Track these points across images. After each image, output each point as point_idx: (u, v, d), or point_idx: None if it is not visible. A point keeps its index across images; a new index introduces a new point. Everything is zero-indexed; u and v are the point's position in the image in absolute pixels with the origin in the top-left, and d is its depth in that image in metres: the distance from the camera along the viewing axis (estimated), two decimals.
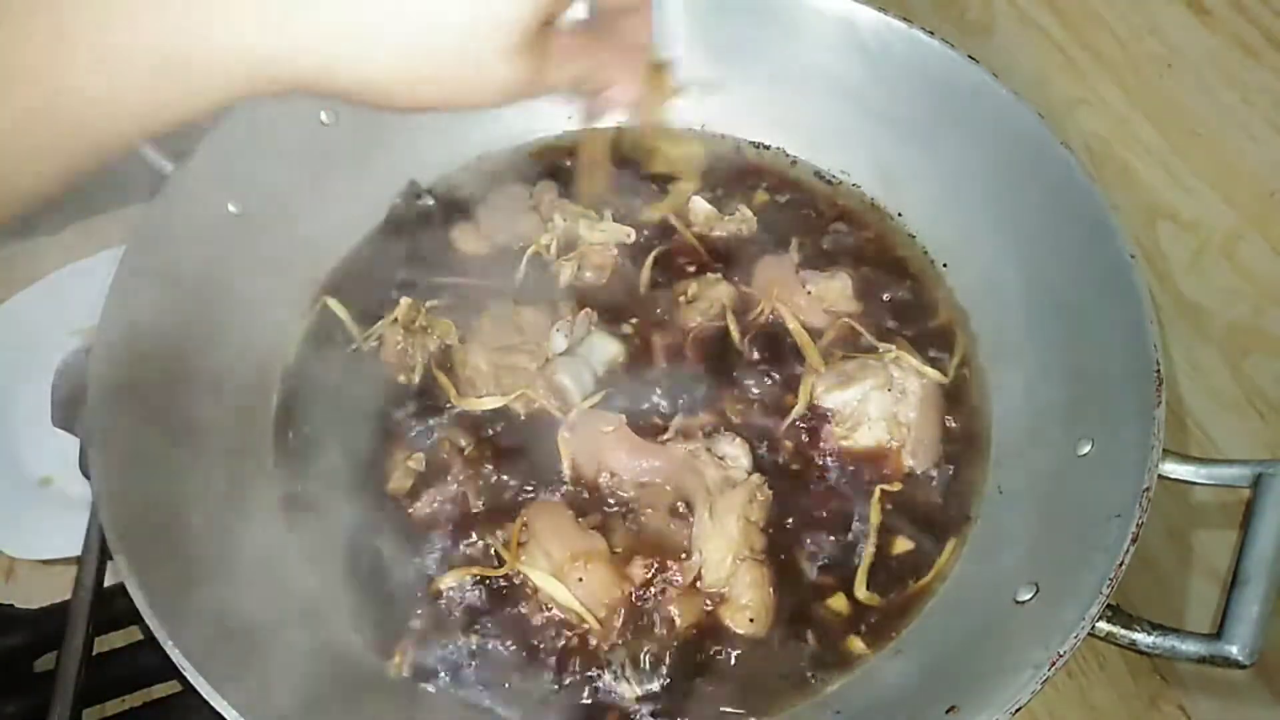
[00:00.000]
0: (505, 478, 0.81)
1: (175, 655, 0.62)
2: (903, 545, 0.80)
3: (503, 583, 0.77)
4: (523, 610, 0.76)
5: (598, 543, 0.77)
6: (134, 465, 0.73)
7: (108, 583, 0.82)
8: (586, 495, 0.80)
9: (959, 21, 0.98)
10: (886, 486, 0.81)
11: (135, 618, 0.64)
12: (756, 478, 0.80)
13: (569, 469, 0.81)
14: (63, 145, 0.44)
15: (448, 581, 0.77)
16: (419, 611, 0.76)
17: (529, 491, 0.80)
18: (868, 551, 0.79)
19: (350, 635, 0.76)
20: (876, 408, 0.83)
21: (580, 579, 0.75)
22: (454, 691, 0.73)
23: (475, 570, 0.77)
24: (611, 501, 0.80)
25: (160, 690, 0.84)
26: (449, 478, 0.81)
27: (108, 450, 0.72)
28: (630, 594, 0.76)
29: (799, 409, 0.84)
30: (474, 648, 0.75)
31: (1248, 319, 0.74)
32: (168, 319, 0.80)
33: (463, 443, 0.83)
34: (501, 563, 0.77)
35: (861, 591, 0.77)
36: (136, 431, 0.74)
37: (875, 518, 0.80)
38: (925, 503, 0.82)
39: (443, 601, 0.76)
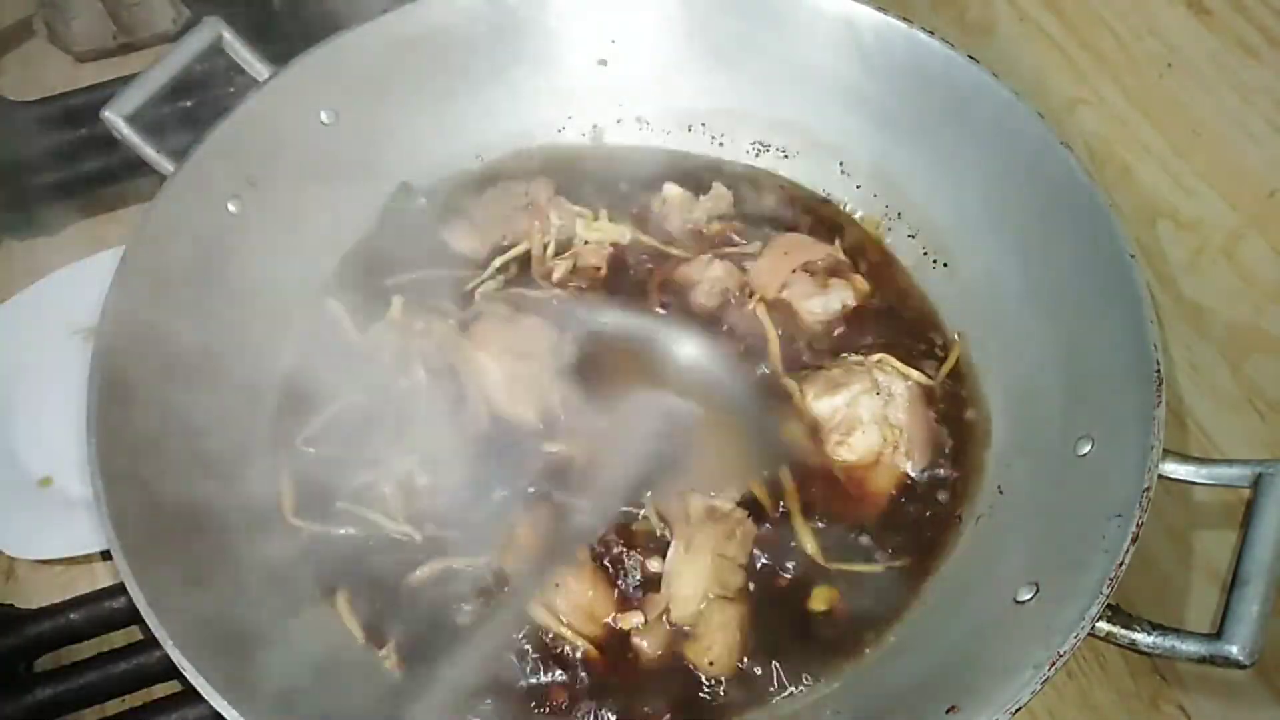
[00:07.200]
0: (502, 478, 0.81)
1: (175, 655, 0.62)
2: (903, 545, 0.80)
3: (494, 582, 0.77)
4: (515, 609, 0.76)
5: (582, 555, 0.77)
6: (133, 465, 0.73)
7: (108, 583, 0.83)
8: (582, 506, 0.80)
9: (959, 21, 0.98)
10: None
11: (135, 618, 0.64)
12: (740, 512, 0.79)
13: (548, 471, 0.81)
14: None
15: (434, 571, 0.77)
16: (416, 610, 0.76)
17: (525, 494, 0.81)
18: (793, 508, 0.80)
19: (347, 633, 0.76)
20: (867, 411, 0.83)
21: (557, 584, 0.75)
22: (448, 687, 0.73)
23: (462, 561, 0.77)
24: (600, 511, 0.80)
25: (160, 690, 0.84)
26: (448, 478, 0.81)
27: (108, 450, 0.72)
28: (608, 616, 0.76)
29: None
30: (469, 644, 0.75)
31: (1248, 319, 0.73)
32: (168, 319, 0.80)
33: (461, 444, 0.83)
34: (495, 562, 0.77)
35: (810, 543, 0.78)
36: (136, 431, 0.74)
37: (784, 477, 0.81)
38: (924, 503, 0.82)
39: (440, 600, 0.76)
